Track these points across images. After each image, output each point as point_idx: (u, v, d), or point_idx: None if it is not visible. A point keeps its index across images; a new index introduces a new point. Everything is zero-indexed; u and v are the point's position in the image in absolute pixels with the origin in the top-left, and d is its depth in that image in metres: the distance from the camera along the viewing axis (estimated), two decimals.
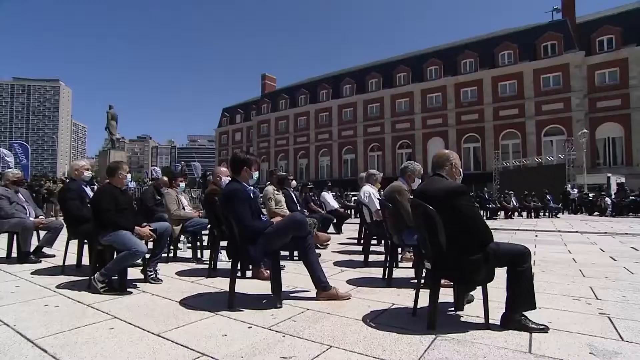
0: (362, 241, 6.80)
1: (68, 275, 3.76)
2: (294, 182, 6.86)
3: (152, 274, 3.44)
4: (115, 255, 3.12)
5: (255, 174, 2.99)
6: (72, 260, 4.17)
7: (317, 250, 4.36)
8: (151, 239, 3.33)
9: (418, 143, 39.59)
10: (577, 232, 8.96)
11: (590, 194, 18.66)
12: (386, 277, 3.64)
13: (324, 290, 2.94)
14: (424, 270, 3.59)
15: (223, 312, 2.64)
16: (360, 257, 5.13)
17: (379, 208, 4.53)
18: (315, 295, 2.99)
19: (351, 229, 9.37)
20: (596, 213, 16.84)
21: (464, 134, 36.91)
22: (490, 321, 2.36)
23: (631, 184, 21.59)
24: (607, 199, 16.93)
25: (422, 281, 3.55)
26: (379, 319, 2.54)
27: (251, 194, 2.93)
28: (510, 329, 2.31)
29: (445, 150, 2.57)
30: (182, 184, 4.92)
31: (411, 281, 3.71)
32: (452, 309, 2.73)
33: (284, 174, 5.77)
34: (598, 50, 32.17)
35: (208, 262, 4.06)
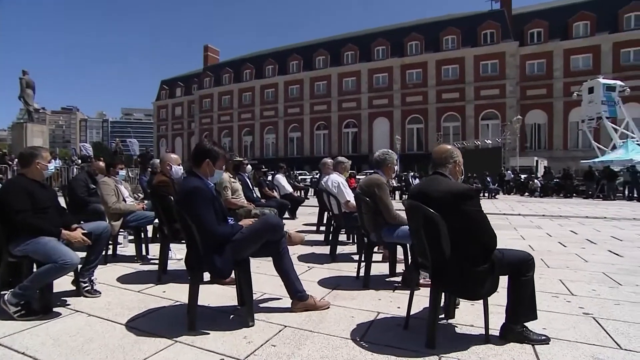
0: (320, 228, 6.53)
1: None
2: (248, 166, 6.31)
3: (87, 286, 2.81)
4: (35, 267, 2.46)
5: (219, 172, 2.48)
6: None
7: None
8: (85, 244, 2.66)
9: (364, 122, 40.12)
10: (519, 214, 9.51)
11: (522, 176, 20.28)
12: (362, 277, 3.36)
13: (300, 300, 2.57)
14: (404, 269, 3.45)
15: (183, 336, 2.16)
16: (323, 249, 4.85)
17: (349, 199, 4.24)
18: (290, 306, 2.61)
19: (305, 212, 9.09)
20: (526, 194, 18.35)
21: (409, 115, 38.05)
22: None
23: (552, 166, 23.85)
24: (536, 181, 18.51)
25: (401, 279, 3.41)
26: (369, 336, 2.24)
27: (214, 192, 2.43)
28: (511, 341, 2.14)
29: (448, 146, 2.27)
30: (122, 172, 4.16)
31: (387, 279, 3.49)
32: (442, 316, 2.52)
33: (240, 159, 5.22)
34: (529, 42, 34.61)
35: (157, 263, 3.48)
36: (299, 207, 8.76)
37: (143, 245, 4.23)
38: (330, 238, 4.75)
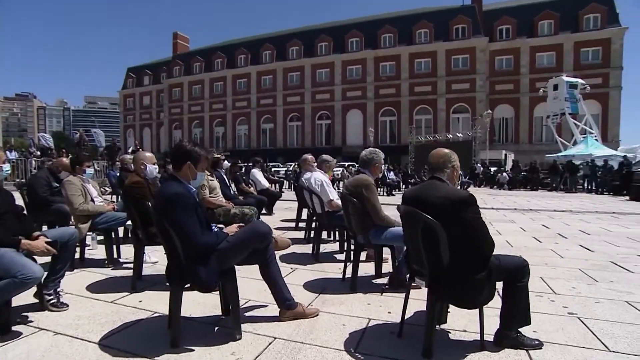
0: (299, 224, 6.41)
1: None
2: (225, 162, 6.06)
3: (52, 298, 2.55)
4: None
5: (201, 175, 2.29)
6: None
7: None
8: (50, 254, 2.40)
9: (337, 114, 40.09)
10: (492, 208, 9.76)
11: (492, 169, 20.98)
12: (348, 278, 3.28)
13: (289, 309, 2.46)
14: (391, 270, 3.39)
15: (165, 355, 2.00)
16: (304, 247, 4.74)
17: (331, 198, 4.13)
18: (277, 314, 2.49)
19: (281, 207, 8.96)
20: (495, 187, 18.99)
21: (382, 107, 38.35)
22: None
23: (518, 159, 24.83)
24: (504, 174, 19.20)
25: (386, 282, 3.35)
26: (363, 346, 2.16)
27: (196, 197, 2.25)
28: (506, 347, 2.13)
29: (446, 150, 2.19)
30: (90, 170, 3.83)
31: (373, 281, 3.43)
32: None
33: (217, 155, 4.99)
34: (498, 38, 35.58)
35: (130, 267, 3.26)
36: (275, 202, 8.60)
37: (114, 247, 3.96)
38: (313, 237, 4.65)
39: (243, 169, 13.90)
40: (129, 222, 3.53)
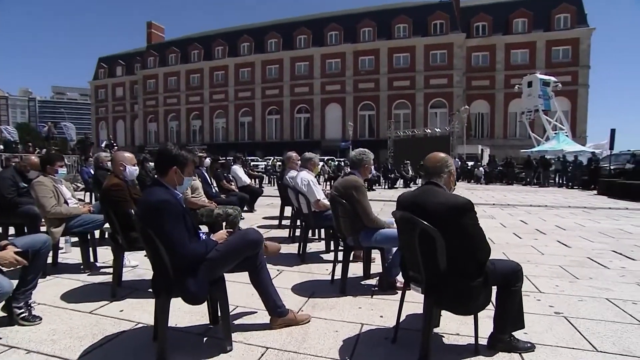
0: (282, 222, 6.31)
1: None
2: (207, 160, 5.87)
3: (23, 312, 2.36)
4: None
5: (188, 180, 2.16)
6: None
7: None
8: (20, 266, 2.21)
9: (317, 108, 39.95)
10: None
11: (470, 163, 21.44)
12: (337, 280, 3.23)
13: (280, 316, 2.38)
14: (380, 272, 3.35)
15: None
16: (289, 247, 4.66)
17: (318, 198, 4.06)
18: (267, 321, 2.42)
19: (263, 204, 8.86)
20: (472, 181, 19.44)
21: (361, 101, 38.47)
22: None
23: (493, 154, 25.50)
24: (481, 168, 19.67)
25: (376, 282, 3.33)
26: (358, 354, 2.12)
27: (183, 203, 2.13)
28: (500, 350, 2.14)
29: (442, 154, 2.16)
30: (63, 170, 3.59)
31: (362, 282, 3.40)
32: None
33: (200, 154, 4.81)
34: (475, 35, 36.24)
35: (108, 272, 3.08)
36: (257, 199, 8.47)
37: (90, 251, 3.74)
38: (298, 236, 4.58)
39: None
40: (107, 225, 3.35)
